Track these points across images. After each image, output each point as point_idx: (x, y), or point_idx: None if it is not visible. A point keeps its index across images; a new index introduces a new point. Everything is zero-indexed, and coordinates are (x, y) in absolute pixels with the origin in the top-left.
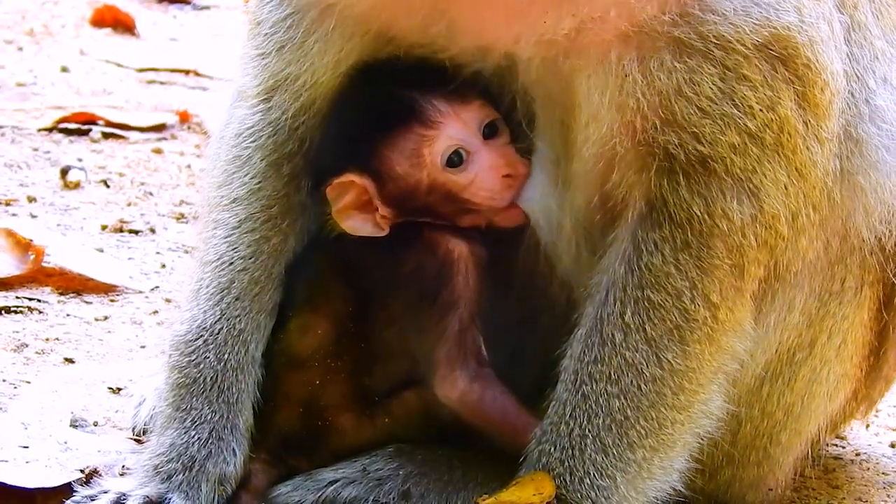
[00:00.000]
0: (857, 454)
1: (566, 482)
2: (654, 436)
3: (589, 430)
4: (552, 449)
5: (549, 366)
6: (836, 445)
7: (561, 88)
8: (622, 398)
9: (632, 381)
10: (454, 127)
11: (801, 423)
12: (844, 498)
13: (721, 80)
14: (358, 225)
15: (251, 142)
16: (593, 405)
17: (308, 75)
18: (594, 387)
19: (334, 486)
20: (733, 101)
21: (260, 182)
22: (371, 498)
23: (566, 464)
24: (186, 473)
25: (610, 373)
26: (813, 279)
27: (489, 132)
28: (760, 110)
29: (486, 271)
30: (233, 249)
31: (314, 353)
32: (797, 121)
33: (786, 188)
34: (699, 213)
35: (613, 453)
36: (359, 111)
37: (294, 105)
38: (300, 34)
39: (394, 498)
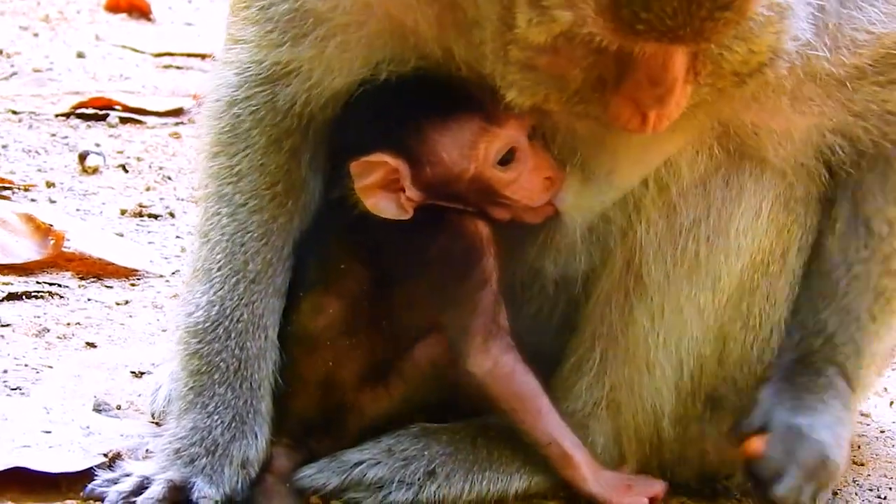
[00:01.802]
0: (882, 431)
1: (834, 345)
2: None
3: (857, 304)
4: (828, 318)
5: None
6: (861, 423)
7: None
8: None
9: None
10: (515, 126)
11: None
12: (869, 475)
13: None
14: (382, 204)
15: (248, 115)
16: (861, 283)
17: (311, 69)
18: (863, 267)
19: (359, 467)
20: None
21: (262, 158)
22: (396, 478)
23: (836, 331)
24: (210, 457)
25: (881, 256)
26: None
27: (532, 135)
28: None
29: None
30: (243, 230)
31: (327, 332)
32: None
33: None
34: None
35: (876, 322)
36: (403, 93)
37: (295, 92)
38: (306, 30)
39: (419, 478)
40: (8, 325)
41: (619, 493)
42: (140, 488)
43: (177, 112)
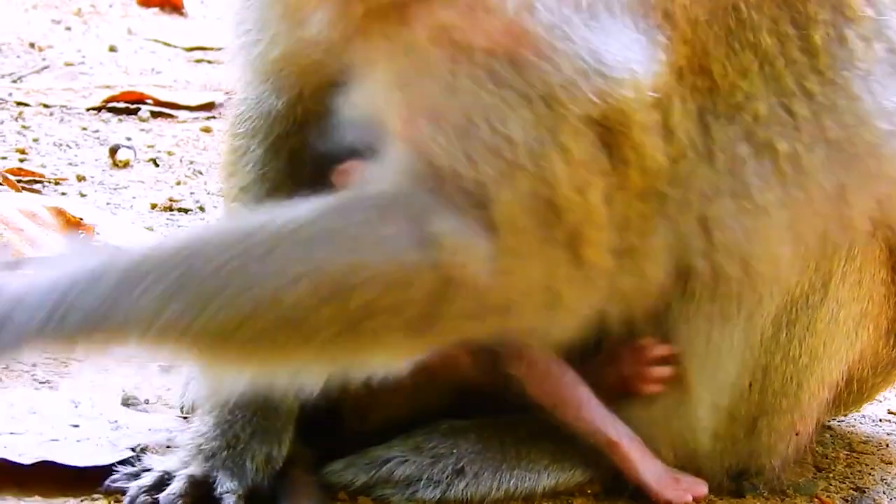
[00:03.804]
0: None
1: None
2: None
3: None
4: None
5: None
6: (890, 421)
7: None
8: None
9: None
10: None
11: (825, 367)
12: None
13: None
14: None
15: (245, 130)
16: None
17: (292, 67)
18: None
19: (388, 464)
20: None
21: (262, 168)
22: (425, 476)
23: None
24: (230, 451)
25: None
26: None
27: None
28: None
29: None
30: None
31: None
32: None
33: None
34: None
35: None
36: None
37: (282, 90)
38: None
39: (447, 476)
40: None
41: (667, 486)
42: (161, 483)
43: (208, 106)
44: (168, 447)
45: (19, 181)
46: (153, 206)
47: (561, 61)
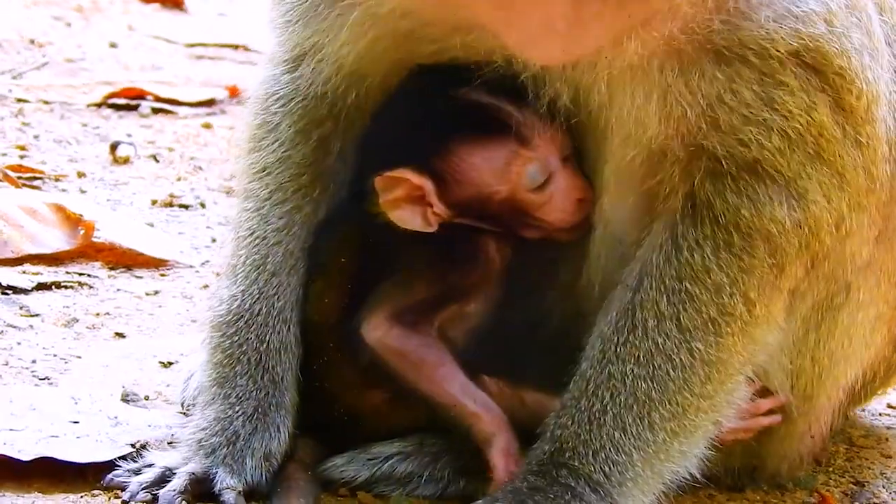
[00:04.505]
0: None
1: (580, 454)
2: (675, 420)
3: (610, 408)
4: (570, 422)
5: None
6: (889, 416)
7: (596, 95)
8: (648, 381)
9: (660, 366)
10: (548, 149)
11: (842, 369)
12: None
13: (759, 85)
14: (407, 217)
15: (279, 107)
16: (617, 384)
17: (333, 48)
18: (620, 367)
19: (390, 461)
20: (773, 106)
21: (288, 150)
22: (427, 473)
23: (582, 437)
24: (230, 447)
25: (639, 355)
26: None
27: (565, 156)
28: (799, 114)
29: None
30: (265, 222)
31: (325, 323)
32: (833, 126)
33: (829, 193)
34: (747, 216)
35: (632, 432)
36: (429, 110)
37: (321, 74)
38: (324, 8)
39: (449, 473)
40: (37, 315)
41: (509, 464)
42: (162, 480)
43: (209, 102)
44: (169, 443)
45: (19, 178)
46: (153, 203)
47: None
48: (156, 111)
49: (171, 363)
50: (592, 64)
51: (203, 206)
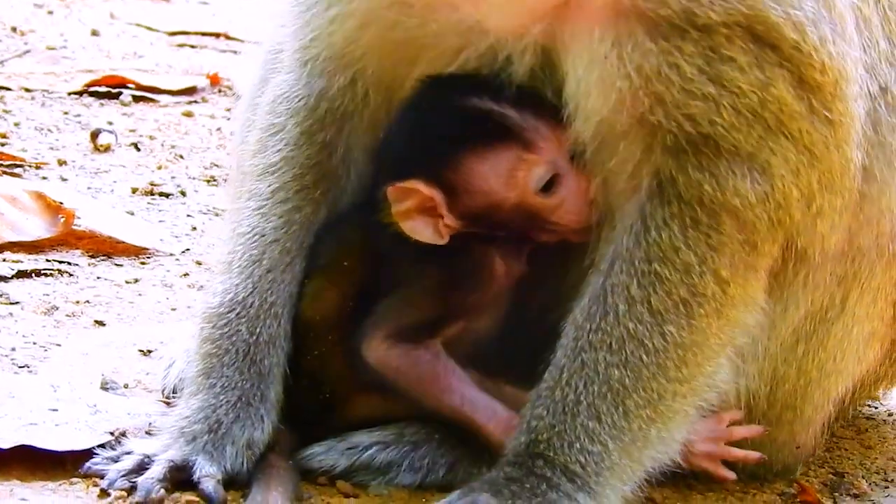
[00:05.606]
0: (890, 414)
1: (555, 445)
2: (651, 406)
3: (584, 397)
4: (544, 412)
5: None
6: (869, 406)
7: (552, 70)
8: (621, 368)
9: (633, 352)
10: (554, 152)
11: (832, 382)
12: (877, 458)
13: (703, 59)
14: (418, 228)
15: (285, 108)
16: (590, 372)
17: (339, 47)
18: (593, 354)
19: (369, 451)
20: (720, 82)
21: (293, 150)
22: (406, 463)
23: (556, 427)
24: (211, 435)
25: (611, 342)
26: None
27: (573, 156)
28: (751, 91)
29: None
30: (265, 220)
31: (323, 319)
32: (795, 102)
33: (797, 168)
34: (710, 191)
35: (608, 421)
36: (436, 120)
37: (328, 74)
38: (325, 6)
39: (428, 463)
40: (17, 303)
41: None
42: (141, 467)
43: (190, 91)
44: (147, 432)
45: (0, 165)
46: (134, 191)
47: None
48: (137, 99)
49: (150, 351)
50: (551, 33)
51: (184, 194)
